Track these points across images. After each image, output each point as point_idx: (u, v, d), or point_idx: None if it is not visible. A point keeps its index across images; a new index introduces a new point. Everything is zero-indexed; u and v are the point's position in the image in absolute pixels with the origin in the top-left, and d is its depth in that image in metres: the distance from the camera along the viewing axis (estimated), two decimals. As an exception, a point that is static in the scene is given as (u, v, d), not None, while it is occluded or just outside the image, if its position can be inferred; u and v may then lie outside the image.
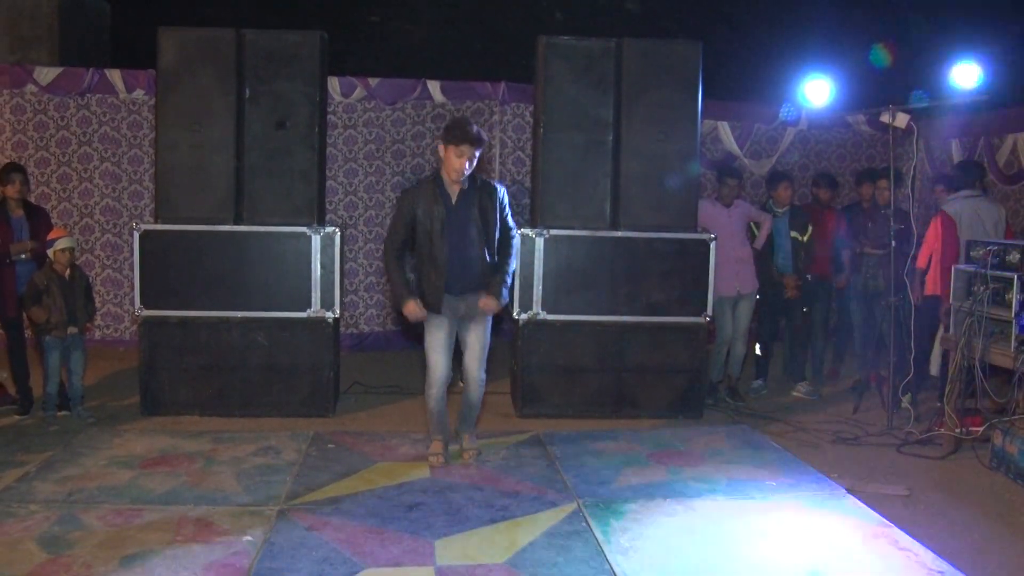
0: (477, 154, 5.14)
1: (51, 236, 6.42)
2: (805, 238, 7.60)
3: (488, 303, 5.31)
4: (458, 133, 5.07)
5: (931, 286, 6.78)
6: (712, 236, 6.73)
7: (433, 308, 5.25)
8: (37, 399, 6.56)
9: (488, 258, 5.32)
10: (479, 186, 5.31)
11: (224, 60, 6.53)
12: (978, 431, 5.94)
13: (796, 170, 9.94)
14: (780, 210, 7.58)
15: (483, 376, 5.53)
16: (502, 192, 5.42)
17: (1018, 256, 5.63)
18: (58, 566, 3.96)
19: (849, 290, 7.84)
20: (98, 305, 8.39)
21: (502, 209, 5.39)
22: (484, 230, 5.27)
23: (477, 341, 5.42)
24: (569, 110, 6.67)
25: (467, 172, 5.14)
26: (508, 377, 7.26)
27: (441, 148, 5.16)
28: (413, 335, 6.17)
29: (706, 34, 7.53)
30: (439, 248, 5.19)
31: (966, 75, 6.81)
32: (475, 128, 5.13)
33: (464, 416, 5.68)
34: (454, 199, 5.24)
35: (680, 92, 6.72)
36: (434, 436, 5.57)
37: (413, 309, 5.24)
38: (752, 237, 7.52)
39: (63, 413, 6.49)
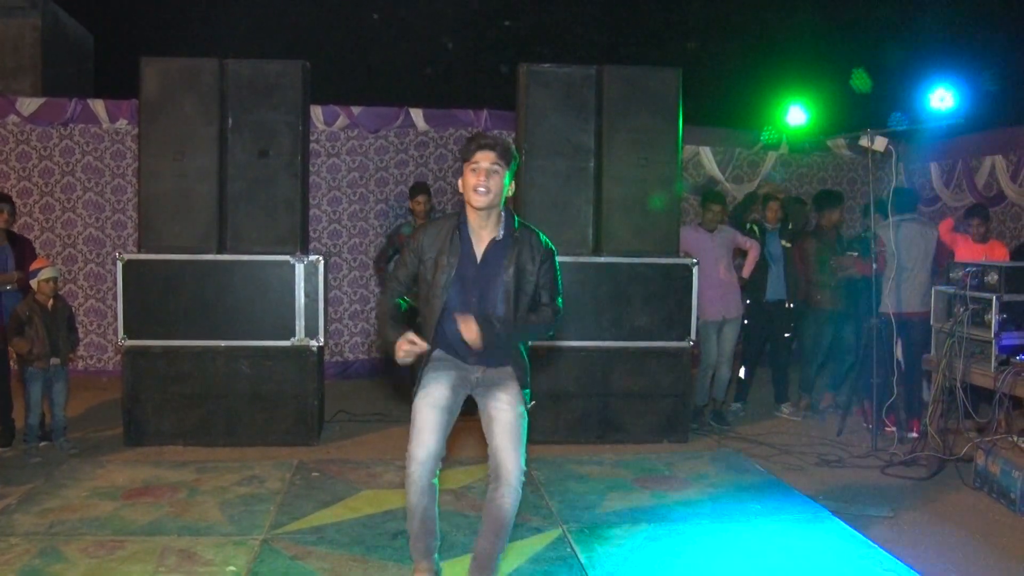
0: (501, 169, 3.70)
1: (34, 266, 6.40)
2: (789, 244, 7.74)
3: (469, 326, 3.64)
4: (465, 145, 3.76)
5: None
6: (694, 261, 6.77)
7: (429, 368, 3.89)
8: (19, 431, 6.51)
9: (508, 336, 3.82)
10: (520, 237, 3.82)
11: (207, 89, 6.56)
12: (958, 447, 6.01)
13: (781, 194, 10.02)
14: (771, 227, 7.72)
15: (522, 470, 3.78)
16: (551, 253, 3.88)
17: (996, 277, 5.69)
18: (39, 599, 3.93)
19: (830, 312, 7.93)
20: (81, 335, 8.37)
21: (548, 276, 3.86)
22: (515, 296, 3.78)
23: (507, 411, 3.81)
24: (551, 137, 6.72)
25: (491, 191, 3.67)
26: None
27: (460, 182, 3.80)
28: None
29: (686, 61, 7.62)
30: (434, 308, 3.80)
31: (943, 99, 6.93)
32: (494, 135, 3.85)
33: (484, 552, 3.84)
34: (480, 251, 3.79)
35: (661, 118, 6.78)
36: (417, 562, 3.92)
37: (403, 345, 3.71)
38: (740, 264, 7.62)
39: (45, 444, 6.44)
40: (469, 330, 3.63)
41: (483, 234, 3.79)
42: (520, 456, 3.77)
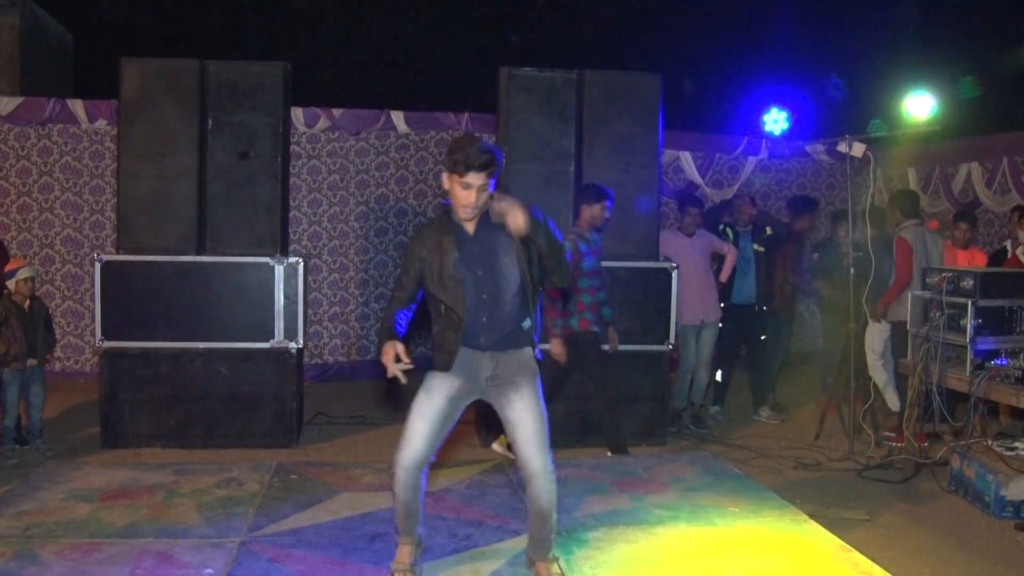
0: (492, 181, 3.82)
1: (11, 266, 6.36)
2: (762, 249, 7.80)
3: (515, 213, 3.67)
4: (460, 157, 3.72)
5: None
6: (674, 265, 6.80)
7: (441, 366, 3.94)
8: (-6, 433, 6.46)
9: (526, 303, 3.95)
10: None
11: (187, 90, 6.54)
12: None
13: (758, 198, 10.09)
14: (744, 229, 7.78)
15: (551, 468, 3.98)
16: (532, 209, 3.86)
17: (971, 283, 5.74)
18: (14, 602, 3.90)
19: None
20: (58, 337, 8.30)
21: (536, 228, 3.79)
22: (519, 265, 3.90)
23: (527, 413, 3.95)
24: (531, 141, 6.73)
25: (478, 207, 3.83)
26: (472, 406, 7.25)
27: (445, 178, 3.85)
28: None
29: (667, 66, 7.66)
30: (454, 291, 3.86)
31: (920, 106, 6.99)
32: (483, 147, 3.78)
33: (536, 538, 4.13)
34: (472, 229, 3.92)
35: (641, 123, 6.82)
36: (401, 537, 4.13)
37: (388, 353, 3.73)
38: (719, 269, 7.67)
39: (21, 446, 6.38)
40: (515, 217, 3.67)
41: (469, 224, 3.91)
42: (546, 455, 3.96)
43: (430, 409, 3.95)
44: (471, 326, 3.90)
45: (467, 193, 3.78)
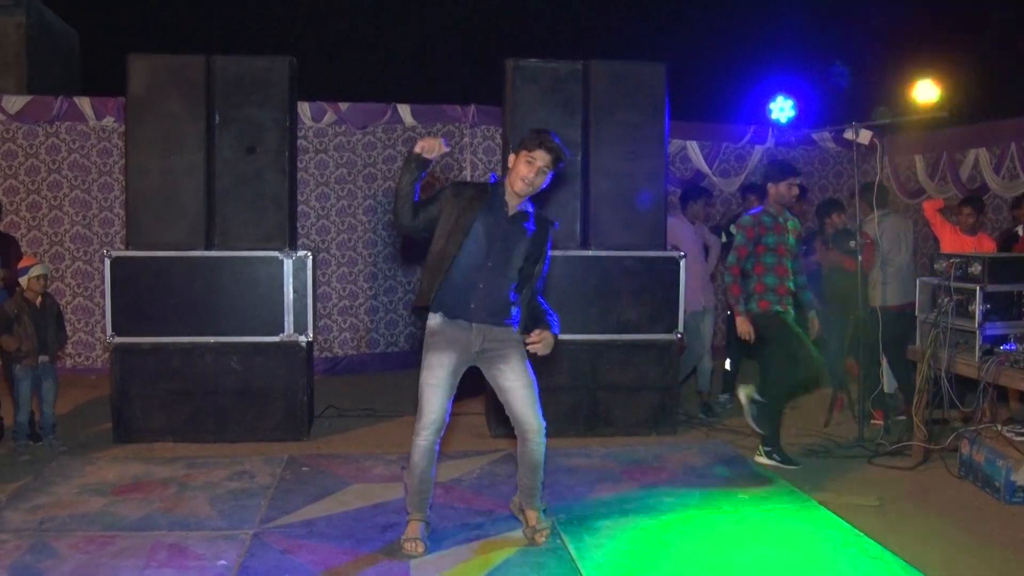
0: (550, 172, 4.34)
1: (23, 264, 6.39)
2: None
3: (545, 339, 4.33)
4: (532, 137, 4.30)
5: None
6: (681, 254, 6.80)
7: (421, 301, 4.34)
8: (8, 429, 6.50)
9: (514, 294, 4.39)
10: (540, 216, 4.50)
11: (194, 86, 6.55)
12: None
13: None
14: None
15: (544, 424, 4.44)
16: (551, 245, 4.57)
17: (980, 268, 5.73)
18: (30, 595, 3.93)
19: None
20: (69, 333, 8.34)
21: (545, 256, 4.49)
22: (525, 260, 4.36)
23: (520, 381, 4.38)
24: (538, 132, 6.72)
25: (533, 185, 4.30)
26: (482, 397, 7.28)
27: (511, 159, 4.38)
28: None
29: (673, 55, 7.65)
30: (448, 250, 4.26)
31: (926, 92, 6.99)
32: (556, 139, 4.35)
33: (527, 487, 4.55)
34: (510, 211, 4.36)
35: (647, 113, 6.80)
36: (412, 514, 4.45)
37: (427, 139, 4.32)
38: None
39: (35, 443, 6.43)
40: (545, 342, 4.36)
41: (514, 201, 4.37)
42: (538, 413, 4.42)
43: (437, 379, 4.30)
44: (466, 286, 4.26)
45: (529, 168, 4.25)
